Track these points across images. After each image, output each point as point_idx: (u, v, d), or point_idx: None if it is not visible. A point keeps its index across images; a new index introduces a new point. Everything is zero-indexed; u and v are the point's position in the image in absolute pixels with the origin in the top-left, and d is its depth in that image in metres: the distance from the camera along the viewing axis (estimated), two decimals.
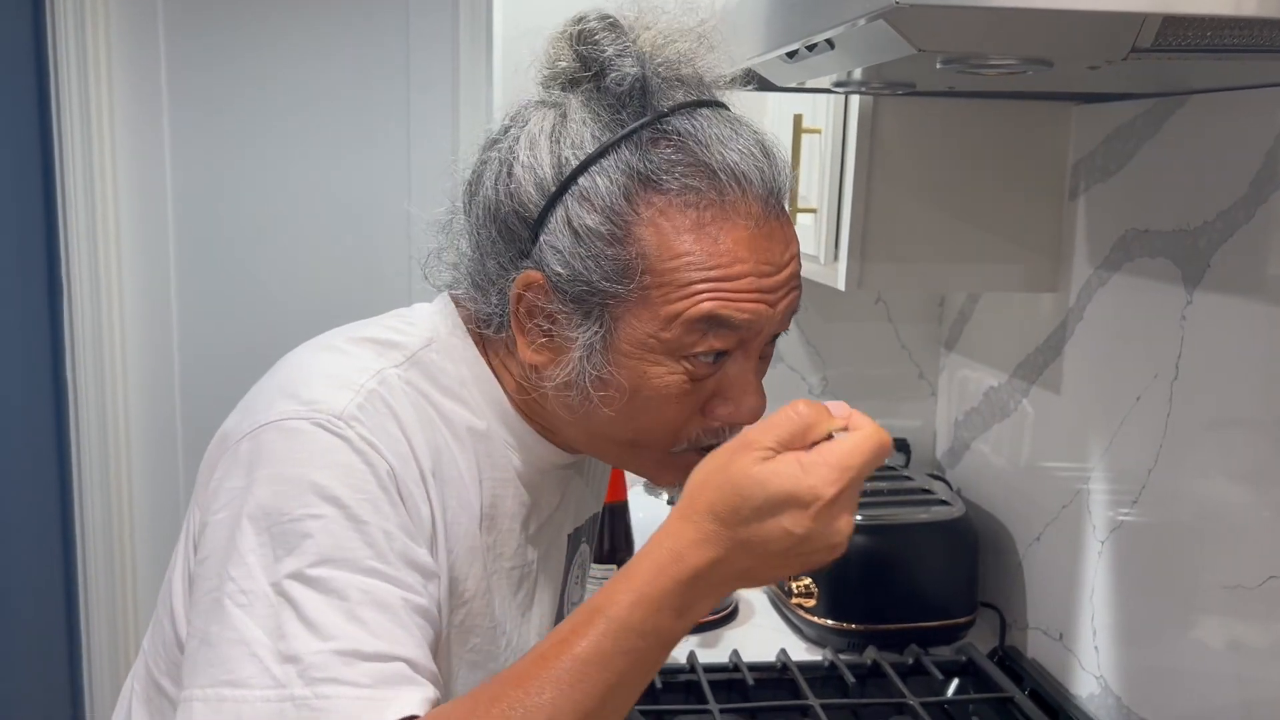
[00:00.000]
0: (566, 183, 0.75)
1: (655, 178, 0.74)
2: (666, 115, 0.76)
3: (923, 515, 1.58)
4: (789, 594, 1.59)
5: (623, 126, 0.75)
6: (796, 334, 1.83)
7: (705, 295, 0.74)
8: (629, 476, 1.59)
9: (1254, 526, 1.07)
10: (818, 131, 1.42)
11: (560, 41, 0.79)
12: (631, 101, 0.76)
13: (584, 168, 0.75)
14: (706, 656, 1.47)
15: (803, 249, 1.47)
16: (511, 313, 0.79)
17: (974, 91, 1.22)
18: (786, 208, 0.80)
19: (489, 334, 0.83)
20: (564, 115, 0.77)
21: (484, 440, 0.83)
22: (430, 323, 0.85)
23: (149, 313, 2.67)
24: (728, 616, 1.67)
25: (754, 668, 1.43)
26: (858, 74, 1.03)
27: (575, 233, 0.75)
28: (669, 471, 0.82)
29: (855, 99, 1.34)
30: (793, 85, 1.21)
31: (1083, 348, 1.40)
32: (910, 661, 1.46)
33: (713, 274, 0.74)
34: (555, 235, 0.75)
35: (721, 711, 1.30)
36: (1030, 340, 1.52)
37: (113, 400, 2.56)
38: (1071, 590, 1.41)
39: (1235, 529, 1.10)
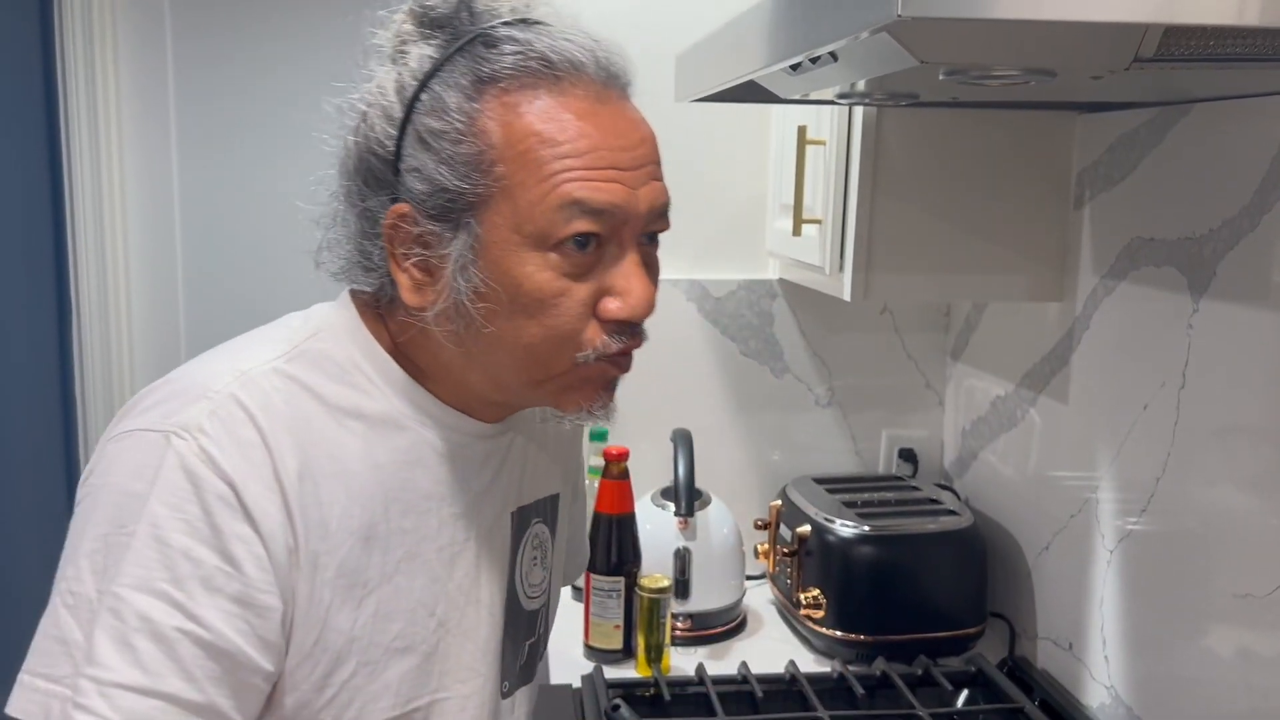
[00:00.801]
0: (411, 103, 0.77)
1: (492, 73, 0.77)
2: (495, 26, 0.78)
3: (931, 525, 1.58)
4: (797, 605, 1.58)
5: (456, 43, 0.78)
6: (802, 344, 1.83)
7: (561, 178, 0.75)
8: (635, 489, 1.60)
9: (1263, 534, 1.07)
10: (822, 143, 1.42)
11: (401, 17, 0.82)
12: (460, 22, 0.79)
13: (424, 85, 0.77)
14: (715, 668, 1.47)
15: (808, 260, 1.48)
16: (389, 255, 0.79)
17: (977, 102, 1.23)
18: (630, 97, 0.83)
19: (385, 303, 0.83)
20: (403, 53, 0.80)
21: (384, 423, 0.82)
22: (322, 314, 0.85)
23: (156, 310, 2.72)
24: (736, 628, 1.67)
25: (763, 679, 1.42)
26: (861, 85, 1.03)
27: (426, 145, 0.77)
28: (580, 390, 0.81)
29: (859, 110, 1.34)
30: (796, 97, 1.21)
31: (1089, 357, 1.39)
32: (919, 673, 1.46)
33: (562, 149, 0.76)
34: (411, 157, 0.77)
35: None
36: (1037, 350, 1.52)
37: (120, 399, 2.59)
38: (1081, 600, 1.40)
39: (1244, 537, 1.10)
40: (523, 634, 0.96)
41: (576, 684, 1.47)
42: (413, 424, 0.83)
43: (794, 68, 0.92)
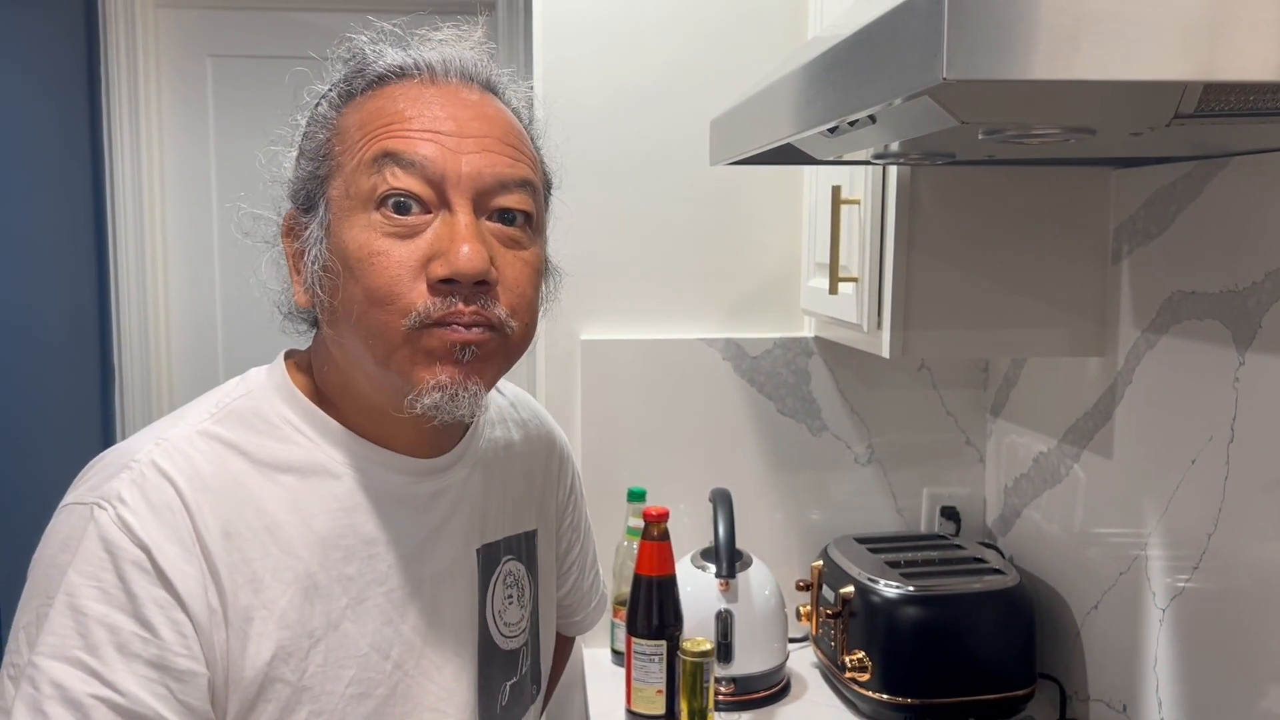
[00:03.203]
0: (305, 128, 0.85)
1: (359, 87, 0.83)
2: (378, 62, 0.84)
3: (976, 585, 1.56)
4: (842, 668, 1.56)
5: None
6: (840, 402, 1.83)
7: (378, 135, 0.80)
8: (679, 549, 1.58)
9: None
10: (856, 202, 1.43)
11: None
12: (354, 61, 0.85)
13: (314, 109, 0.85)
14: None
15: (845, 318, 1.48)
16: (288, 261, 0.85)
17: (1013, 159, 1.23)
18: (492, 95, 0.85)
19: (310, 338, 0.88)
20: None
21: (317, 473, 0.83)
22: (255, 375, 0.88)
23: (193, 303, 2.88)
24: (780, 692, 1.64)
25: None
26: (895, 146, 1.04)
27: (300, 150, 0.85)
28: (425, 365, 0.78)
29: (893, 169, 1.35)
30: (831, 158, 1.23)
31: (1133, 411, 1.38)
32: None
33: (385, 118, 0.80)
34: (297, 168, 0.85)
35: None
36: (1078, 405, 1.51)
37: (158, 394, 2.69)
38: (1133, 660, 1.37)
39: None
40: (500, 675, 0.94)
41: None
42: (347, 470, 0.84)
43: (831, 130, 0.93)
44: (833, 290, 1.43)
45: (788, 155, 1.17)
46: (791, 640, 1.71)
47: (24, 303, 2.58)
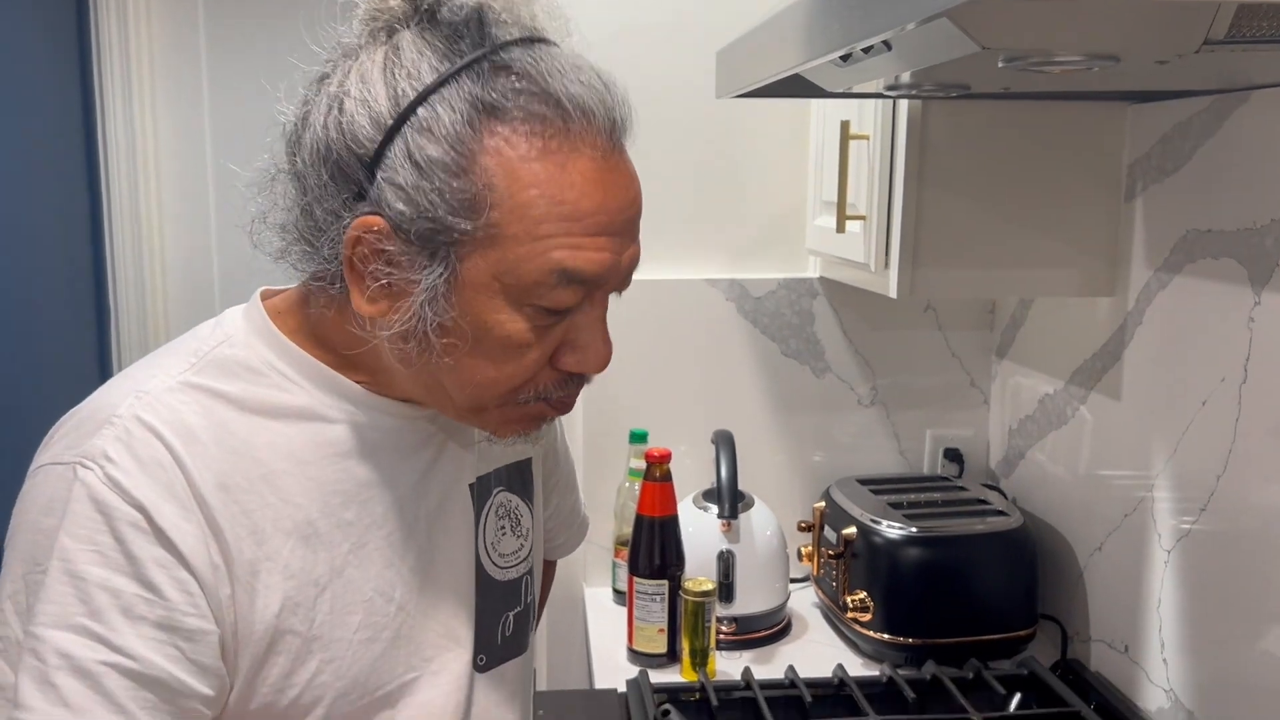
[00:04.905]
0: (405, 114, 0.71)
1: (498, 105, 0.71)
2: (506, 45, 0.73)
3: (979, 526, 1.55)
4: (844, 608, 1.56)
5: (460, 57, 0.72)
6: (844, 344, 1.81)
7: (556, 241, 0.72)
8: (680, 490, 1.58)
9: None
10: (865, 137, 1.40)
11: None
12: (469, 33, 0.73)
13: (423, 98, 0.71)
14: (762, 673, 1.45)
15: (852, 257, 1.46)
16: (345, 260, 0.75)
17: (1027, 93, 1.20)
18: (626, 145, 0.78)
19: (318, 288, 0.79)
20: (397, 48, 0.73)
21: (308, 418, 0.79)
22: (231, 319, 0.83)
23: (190, 255, 2.89)
24: (781, 631, 1.65)
25: (811, 684, 1.40)
26: (907, 77, 1.01)
27: (418, 166, 0.70)
28: (513, 424, 0.80)
29: (903, 103, 1.32)
30: (841, 90, 1.19)
31: (1143, 352, 1.36)
32: (970, 676, 1.43)
33: (562, 209, 0.71)
34: (395, 171, 0.71)
35: None
36: (1087, 346, 1.49)
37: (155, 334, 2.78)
38: (1137, 601, 1.37)
39: None
40: (501, 605, 0.93)
41: (621, 688, 1.45)
42: (339, 415, 0.81)
43: (844, 59, 0.90)
44: (840, 228, 1.40)
45: (796, 87, 1.14)
46: (792, 581, 1.71)
47: (15, 242, 2.55)
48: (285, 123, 0.78)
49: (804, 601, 1.74)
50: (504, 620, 0.92)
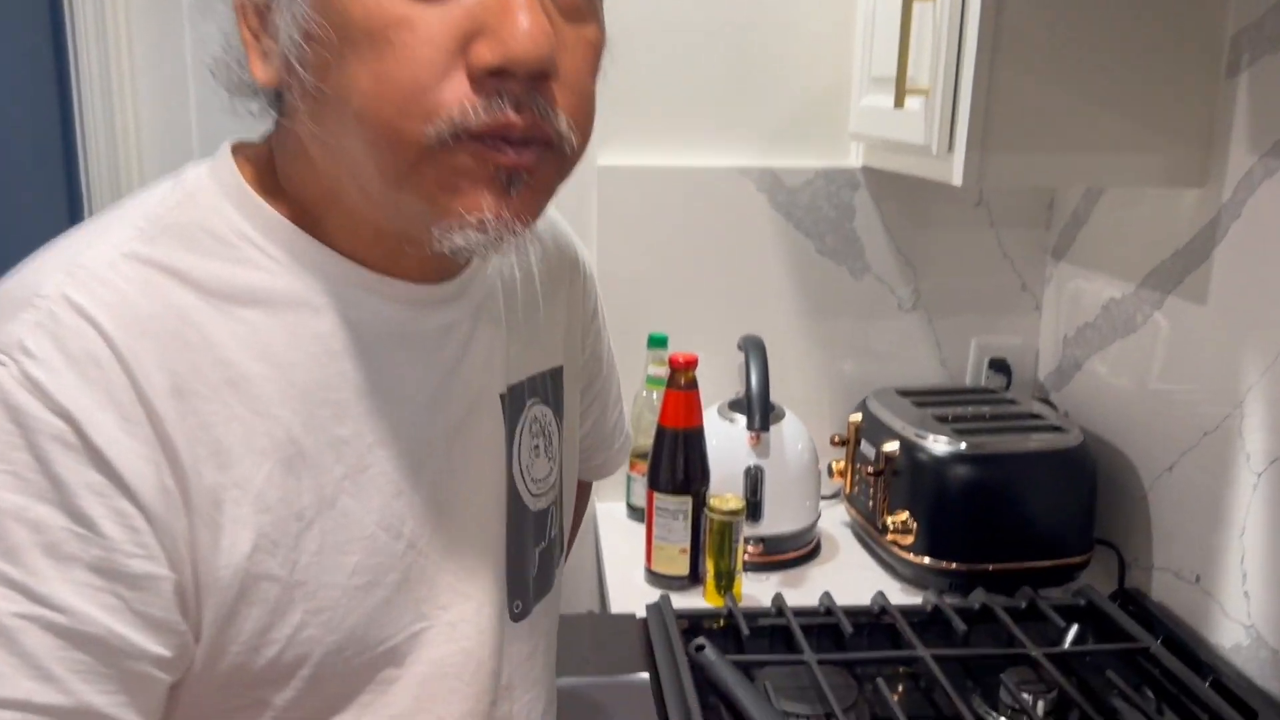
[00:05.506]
0: None
1: None
2: None
3: (1035, 443, 1.41)
4: (882, 530, 1.43)
5: None
6: (886, 241, 1.64)
7: None
8: (704, 400, 1.43)
9: None
10: (931, 1, 1.22)
11: None
12: None
13: None
14: (793, 597, 1.32)
15: (909, 139, 1.29)
16: (240, 28, 0.61)
17: None
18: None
19: (275, 130, 0.65)
20: None
21: (292, 306, 0.63)
22: (195, 176, 0.65)
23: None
24: (811, 553, 1.52)
25: (849, 611, 1.27)
26: None
27: None
28: (455, 190, 0.58)
29: None
30: None
31: (1238, 251, 1.20)
32: (1023, 605, 1.31)
33: None
34: None
35: (820, 663, 1.15)
36: (1166, 245, 1.33)
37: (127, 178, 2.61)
38: (1215, 528, 1.24)
39: None
40: (531, 539, 0.78)
41: (640, 613, 1.33)
42: (331, 301, 0.64)
43: None
44: (899, 102, 1.23)
45: None
46: (822, 498, 1.58)
47: None
48: None
49: (833, 520, 1.62)
50: (531, 557, 0.78)
